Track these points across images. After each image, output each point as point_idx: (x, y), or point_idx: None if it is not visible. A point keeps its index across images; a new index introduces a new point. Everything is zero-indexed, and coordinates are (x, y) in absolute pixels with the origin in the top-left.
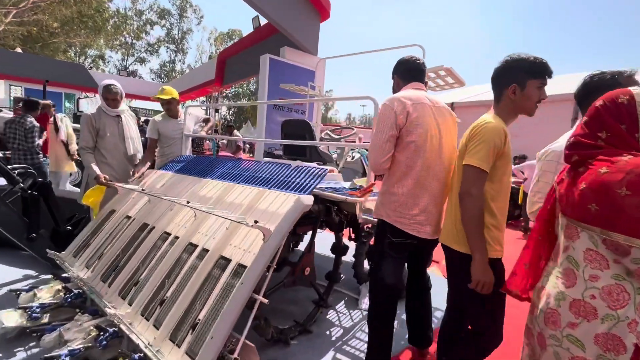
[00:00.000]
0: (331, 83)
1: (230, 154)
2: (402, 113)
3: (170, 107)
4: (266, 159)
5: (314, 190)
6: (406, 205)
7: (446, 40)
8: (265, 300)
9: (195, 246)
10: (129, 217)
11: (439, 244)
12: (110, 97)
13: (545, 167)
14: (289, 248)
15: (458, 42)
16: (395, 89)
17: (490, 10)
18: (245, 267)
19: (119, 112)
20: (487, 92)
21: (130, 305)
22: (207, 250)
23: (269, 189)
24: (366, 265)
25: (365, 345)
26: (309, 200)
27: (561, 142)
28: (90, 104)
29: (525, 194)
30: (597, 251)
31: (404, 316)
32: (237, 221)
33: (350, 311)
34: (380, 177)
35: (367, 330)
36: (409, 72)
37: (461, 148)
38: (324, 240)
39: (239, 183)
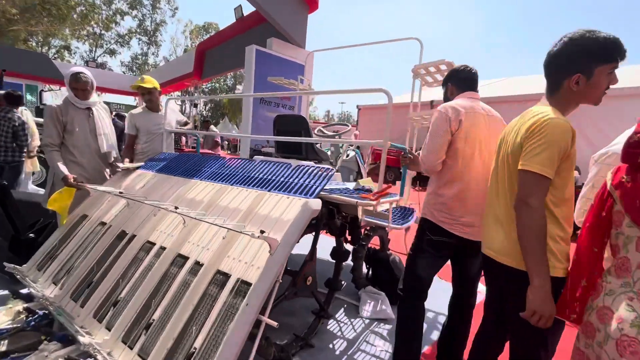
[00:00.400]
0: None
1: (208, 151)
2: (456, 120)
3: (151, 99)
4: (259, 157)
5: (320, 192)
6: (452, 207)
7: (436, 33)
8: (275, 324)
9: (186, 258)
10: (103, 224)
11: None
12: (80, 86)
13: (604, 172)
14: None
15: (448, 36)
16: (449, 97)
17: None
18: (248, 284)
19: (90, 105)
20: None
21: (109, 330)
22: (201, 264)
23: (268, 191)
24: (364, 269)
25: (370, 357)
26: (317, 204)
27: (622, 143)
28: (55, 98)
29: None
30: None
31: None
32: (238, 231)
33: (352, 320)
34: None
35: (370, 341)
36: (464, 81)
37: (515, 148)
38: (320, 244)
39: (232, 185)
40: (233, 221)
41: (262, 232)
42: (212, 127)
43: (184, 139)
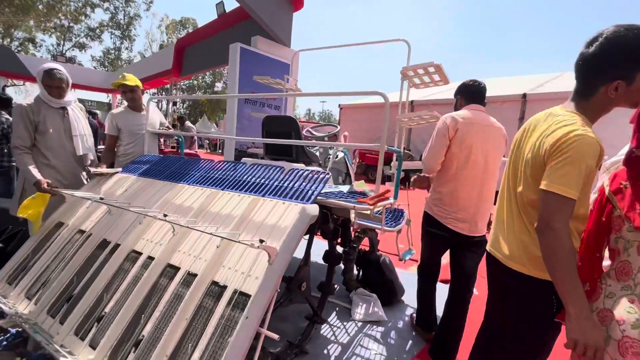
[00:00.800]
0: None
1: (188, 150)
2: (453, 128)
3: (134, 97)
4: (249, 160)
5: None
6: (447, 203)
7: (421, 35)
8: (276, 336)
9: (177, 269)
10: (82, 232)
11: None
12: (54, 84)
13: None
14: None
15: (433, 38)
16: (457, 107)
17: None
18: (247, 295)
19: (65, 104)
20: (444, 91)
21: (94, 349)
22: (194, 275)
23: (262, 196)
24: (355, 271)
25: None
26: (314, 210)
27: None
28: (19, 94)
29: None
30: None
31: (401, 324)
32: (236, 240)
33: (345, 323)
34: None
35: (364, 344)
36: (472, 94)
37: (536, 158)
38: (313, 247)
39: (224, 189)
40: (227, 229)
41: (261, 241)
42: (187, 123)
43: (161, 139)
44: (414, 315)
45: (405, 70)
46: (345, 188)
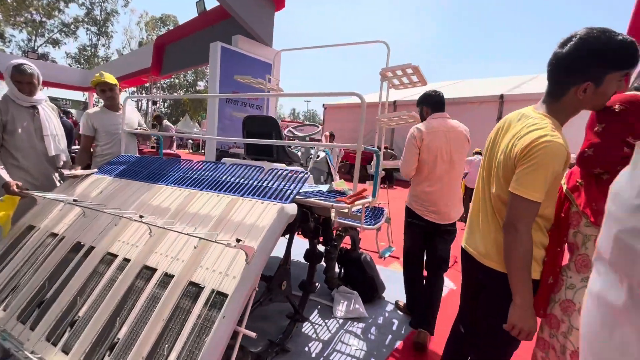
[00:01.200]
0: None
1: (168, 151)
2: (419, 139)
3: (113, 96)
4: (228, 160)
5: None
6: (423, 199)
7: (405, 36)
8: (253, 334)
9: (154, 270)
10: (55, 235)
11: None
12: (25, 79)
13: None
14: None
15: (415, 38)
16: (424, 116)
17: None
18: (224, 295)
19: (35, 102)
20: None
21: (66, 354)
22: (171, 276)
23: (241, 196)
24: (338, 270)
25: (347, 358)
26: (293, 209)
27: None
28: None
29: (466, 188)
30: None
31: (381, 320)
32: (212, 240)
33: (326, 321)
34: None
35: (345, 340)
36: (434, 104)
37: (507, 160)
38: (294, 245)
39: (202, 190)
40: (204, 229)
41: (238, 240)
42: (165, 121)
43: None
44: (399, 302)
45: (384, 72)
46: (325, 187)
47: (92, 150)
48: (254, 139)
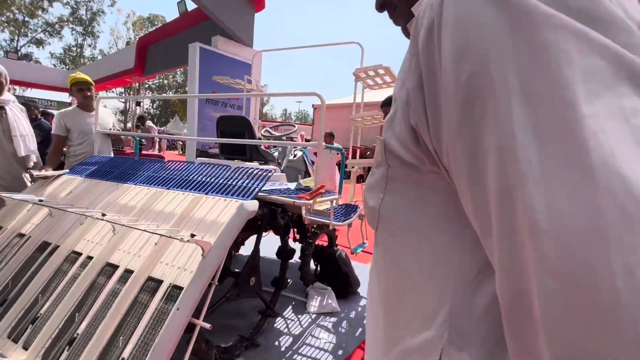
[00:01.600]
0: (266, 77)
1: (150, 152)
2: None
3: (91, 95)
4: (200, 159)
5: (259, 193)
6: None
7: (376, 37)
8: (208, 326)
9: (116, 267)
10: (22, 235)
11: None
12: None
13: None
14: (230, 256)
15: (390, 40)
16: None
17: None
18: (180, 288)
19: (2, 103)
20: None
21: (26, 350)
22: (132, 272)
23: (206, 194)
24: (312, 266)
25: (316, 351)
26: (253, 205)
27: None
28: None
29: None
30: None
31: (353, 314)
32: (168, 236)
33: (299, 316)
34: None
35: (316, 334)
36: None
37: None
38: (267, 243)
39: (169, 188)
40: (167, 226)
41: (192, 235)
42: (148, 122)
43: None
44: None
45: (357, 72)
46: (293, 185)
47: (65, 150)
48: (228, 138)
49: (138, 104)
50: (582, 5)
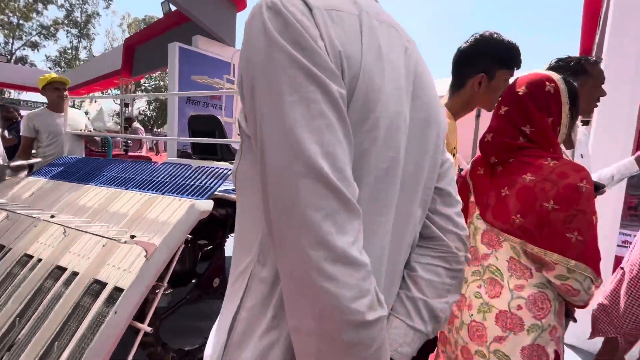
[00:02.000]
0: None
1: (136, 153)
2: None
3: (65, 95)
4: (170, 159)
5: (217, 192)
6: None
7: None
8: (148, 329)
9: (64, 269)
10: None
11: None
12: None
13: None
14: (194, 259)
15: None
16: None
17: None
18: (122, 290)
19: None
20: None
21: None
22: (77, 274)
23: (162, 194)
24: None
25: None
26: (206, 205)
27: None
28: None
29: None
30: (520, 261)
31: None
32: (107, 237)
33: None
34: None
35: None
36: None
37: None
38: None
39: (128, 189)
40: (118, 227)
41: (132, 236)
42: (135, 123)
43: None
44: None
45: None
46: None
47: (33, 152)
48: (199, 137)
49: (127, 105)
50: (295, 39)
